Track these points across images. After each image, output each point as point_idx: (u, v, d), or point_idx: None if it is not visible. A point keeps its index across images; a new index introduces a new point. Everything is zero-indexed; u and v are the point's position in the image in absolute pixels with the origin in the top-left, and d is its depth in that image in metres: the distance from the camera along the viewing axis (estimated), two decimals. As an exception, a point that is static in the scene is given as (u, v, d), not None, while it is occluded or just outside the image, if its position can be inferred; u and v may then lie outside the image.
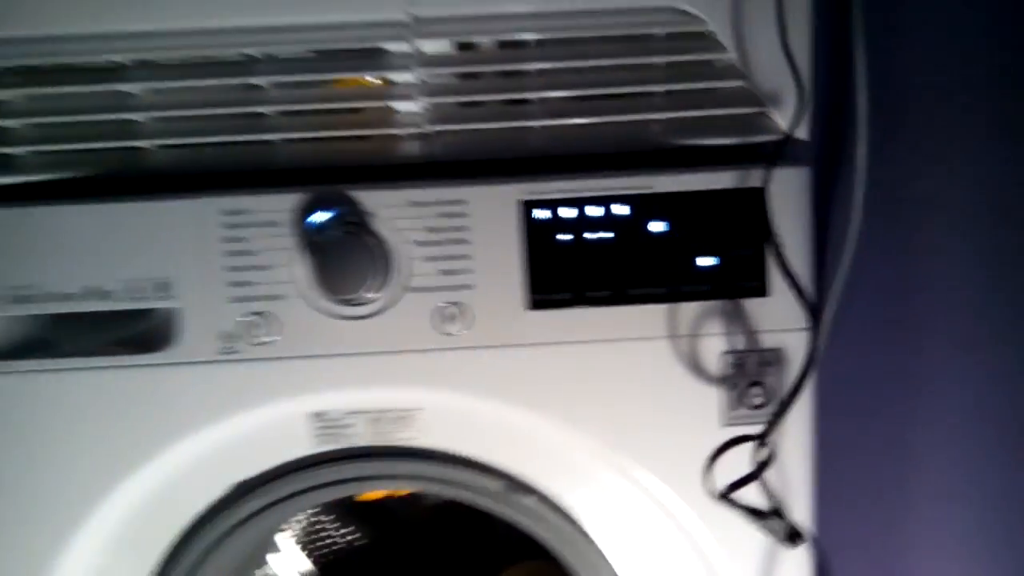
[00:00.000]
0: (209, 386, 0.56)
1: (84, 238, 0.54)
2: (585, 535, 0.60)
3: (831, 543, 0.54)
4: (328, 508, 0.92)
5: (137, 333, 0.55)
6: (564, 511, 0.60)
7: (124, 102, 0.54)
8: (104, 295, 0.54)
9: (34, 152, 0.55)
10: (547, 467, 0.59)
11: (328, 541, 0.93)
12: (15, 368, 0.55)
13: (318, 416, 0.58)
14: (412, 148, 0.55)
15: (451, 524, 0.93)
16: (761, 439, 0.48)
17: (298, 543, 0.92)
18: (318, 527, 0.93)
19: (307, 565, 0.91)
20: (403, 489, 0.61)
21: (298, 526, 0.91)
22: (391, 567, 0.94)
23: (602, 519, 0.60)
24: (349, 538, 0.94)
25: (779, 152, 0.49)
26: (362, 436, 0.58)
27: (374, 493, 0.67)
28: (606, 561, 0.60)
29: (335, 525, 0.93)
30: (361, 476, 0.60)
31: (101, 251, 0.54)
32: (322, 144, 0.55)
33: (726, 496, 0.49)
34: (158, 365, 0.55)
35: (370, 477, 0.60)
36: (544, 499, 0.60)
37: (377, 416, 0.58)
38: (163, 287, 0.54)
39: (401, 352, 0.56)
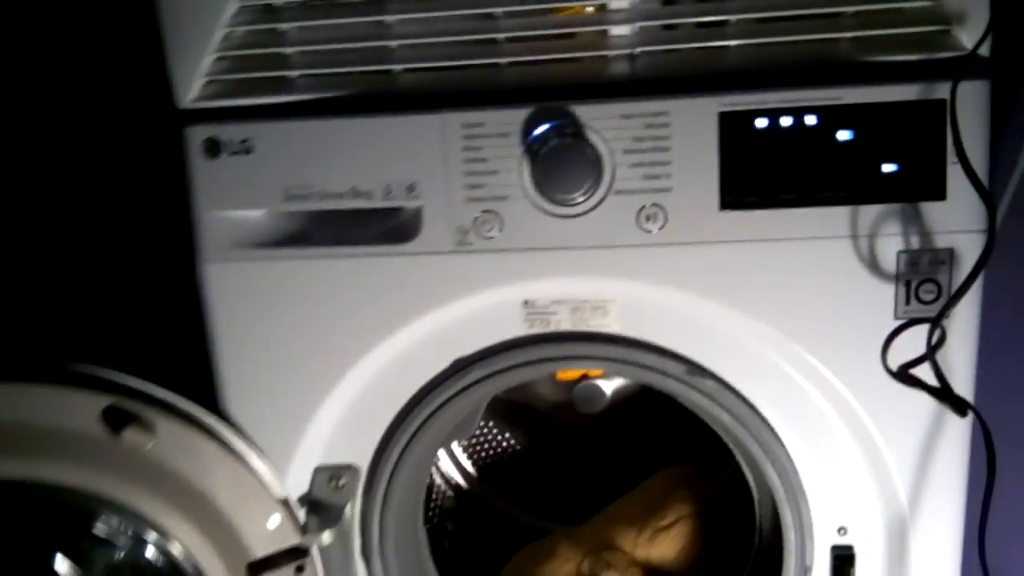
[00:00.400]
0: (443, 273, 0.66)
1: (347, 147, 0.64)
2: (761, 416, 0.67)
3: (991, 424, 0.59)
4: (489, 415, 1.03)
5: (387, 228, 0.66)
6: (742, 395, 0.67)
7: (380, 32, 0.64)
8: (362, 195, 0.65)
9: (307, 75, 0.66)
10: (727, 356, 0.66)
11: (489, 446, 1.03)
12: (288, 255, 0.67)
13: (528, 303, 0.67)
14: (621, 68, 0.62)
15: (602, 434, 1.01)
16: (936, 321, 0.54)
17: (462, 447, 1.03)
18: (481, 433, 1.03)
19: (469, 467, 1.02)
20: (596, 370, 0.69)
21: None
22: (544, 471, 1.03)
23: (776, 406, 0.67)
24: (507, 444, 1.03)
25: (964, 68, 0.54)
26: (564, 322, 0.67)
27: (571, 373, 0.76)
28: (780, 442, 0.68)
29: (496, 431, 1.03)
30: (561, 356, 0.68)
31: (361, 158, 0.64)
32: (544, 66, 0.63)
33: (903, 372, 0.56)
34: (403, 254, 0.66)
35: (568, 357, 0.68)
36: (724, 383, 0.67)
37: (578, 305, 0.67)
38: (411, 188, 0.64)
39: (604, 248, 0.64)
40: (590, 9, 0.62)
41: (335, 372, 0.69)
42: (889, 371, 0.58)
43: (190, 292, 0.68)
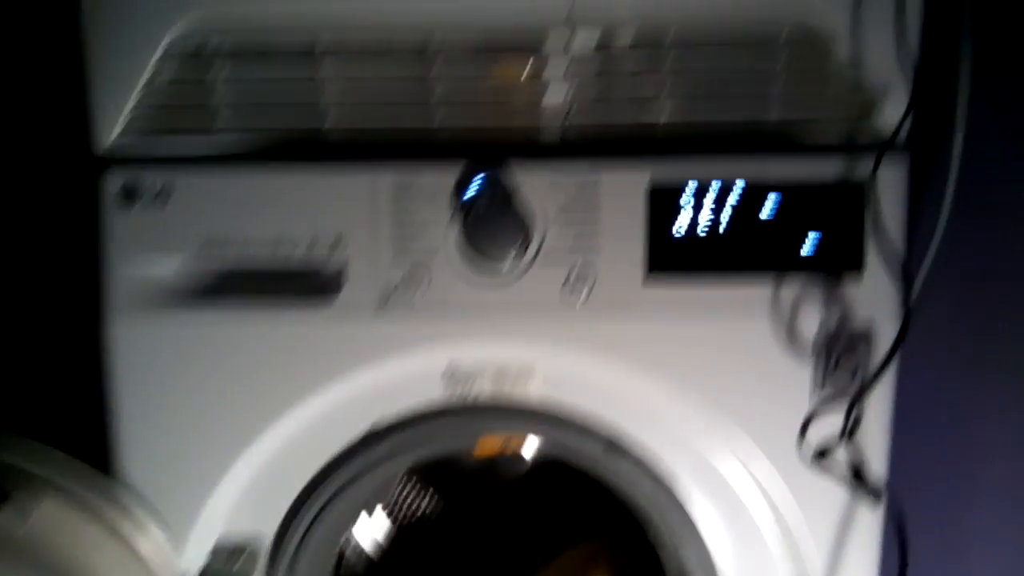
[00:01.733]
0: (364, 335, 0.63)
1: (271, 200, 0.63)
2: (678, 497, 0.66)
3: (905, 506, 0.59)
4: (412, 473, 0.98)
5: (309, 286, 0.64)
6: (659, 475, 0.66)
7: (312, 88, 0.63)
8: (284, 251, 0.63)
9: (233, 126, 0.64)
10: (648, 429, 0.65)
11: (409, 507, 0.97)
12: (200, 313, 0.64)
13: (450, 369, 0.65)
14: (554, 134, 0.63)
15: (524, 500, 0.98)
16: (849, 409, 0.55)
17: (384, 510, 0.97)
18: (402, 493, 0.97)
19: (387, 527, 0.96)
20: (513, 443, 0.67)
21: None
22: (463, 534, 0.98)
23: (694, 484, 0.66)
24: (428, 505, 0.97)
25: (881, 155, 0.56)
26: (485, 389, 0.65)
27: (489, 446, 0.74)
28: (695, 525, 0.66)
29: (417, 491, 0.97)
30: (479, 427, 0.67)
31: (284, 212, 0.63)
32: (478, 128, 0.63)
33: (817, 459, 0.56)
34: (324, 313, 0.63)
35: (486, 429, 0.67)
36: (641, 463, 0.66)
37: (500, 372, 0.65)
38: (335, 245, 0.62)
39: (529, 314, 0.63)
40: (527, 73, 0.62)
41: (244, 438, 0.66)
42: (805, 458, 0.58)
43: (92, 347, 0.64)
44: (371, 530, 0.93)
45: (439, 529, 0.98)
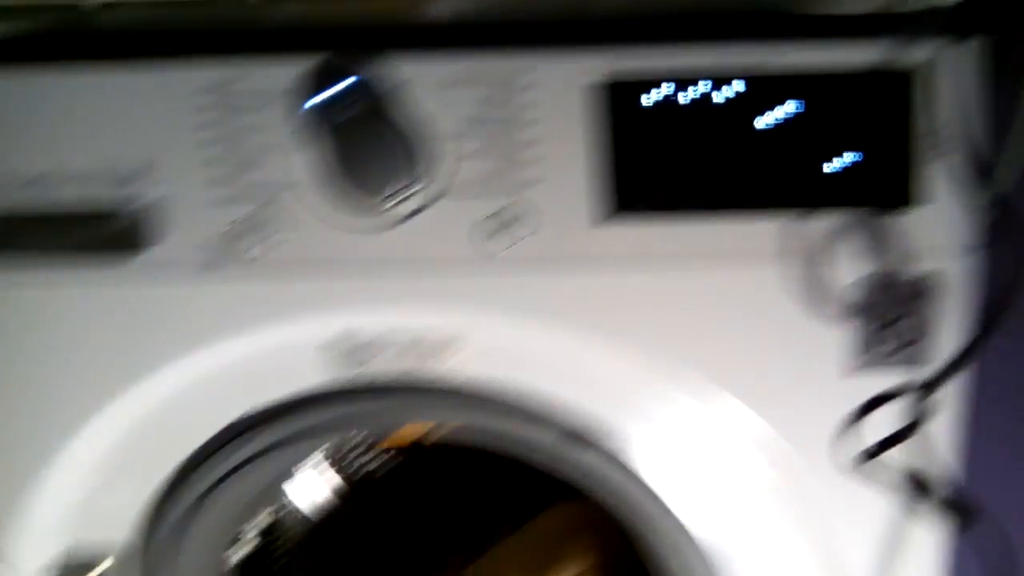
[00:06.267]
0: (192, 306, 0.45)
1: (24, 118, 0.41)
2: (657, 498, 0.49)
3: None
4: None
5: (100, 236, 0.43)
6: (630, 468, 0.48)
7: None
8: (53, 187, 0.42)
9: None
10: (614, 412, 0.47)
11: (359, 460, 0.82)
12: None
13: (333, 344, 0.47)
14: (459, 4, 0.41)
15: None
16: (926, 390, 0.35)
17: (328, 459, 0.83)
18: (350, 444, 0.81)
19: (336, 481, 0.81)
20: (438, 433, 0.50)
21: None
22: (421, 492, 0.84)
23: (681, 481, 0.48)
24: (381, 459, 0.82)
25: (953, 21, 0.35)
26: (391, 365, 0.47)
27: (403, 436, 0.56)
28: (685, 529, 0.49)
29: (368, 444, 0.82)
30: (385, 413, 0.49)
31: (44, 135, 0.41)
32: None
33: (867, 460, 0.37)
34: (127, 278, 0.43)
35: (396, 414, 0.49)
36: (607, 454, 0.48)
37: (409, 344, 0.47)
38: (127, 181, 0.41)
39: (438, 267, 0.44)
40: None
41: (64, 430, 0.47)
42: (849, 460, 0.39)
43: None
44: (310, 489, 0.77)
45: (393, 488, 0.83)
